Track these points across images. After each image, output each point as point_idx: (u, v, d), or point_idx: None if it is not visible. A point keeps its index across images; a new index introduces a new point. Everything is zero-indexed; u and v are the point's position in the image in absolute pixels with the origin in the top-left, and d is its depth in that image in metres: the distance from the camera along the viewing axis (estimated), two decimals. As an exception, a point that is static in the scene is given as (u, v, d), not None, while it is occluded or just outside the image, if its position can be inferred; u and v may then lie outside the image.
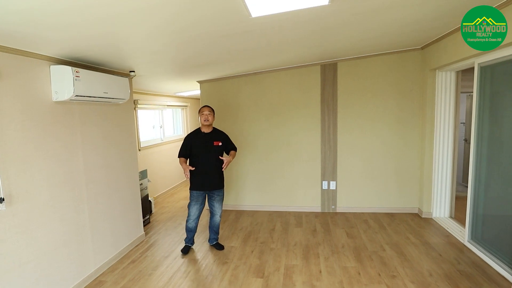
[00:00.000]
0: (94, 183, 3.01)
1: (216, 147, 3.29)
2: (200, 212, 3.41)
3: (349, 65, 4.38)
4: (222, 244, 3.57)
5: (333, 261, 3.13)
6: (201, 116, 3.28)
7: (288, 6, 1.95)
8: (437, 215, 4.21)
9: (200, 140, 3.29)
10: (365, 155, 4.50)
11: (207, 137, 3.30)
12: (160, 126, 6.16)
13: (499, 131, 2.94)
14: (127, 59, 3.00)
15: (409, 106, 4.33)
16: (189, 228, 3.44)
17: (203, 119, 3.27)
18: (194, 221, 3.41)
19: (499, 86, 2.93)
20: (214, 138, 3.31)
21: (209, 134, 3.32)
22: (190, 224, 3.42)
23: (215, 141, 3.29)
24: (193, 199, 3.35)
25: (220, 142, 3.33)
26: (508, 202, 2.81)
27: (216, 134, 3.36)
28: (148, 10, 1.81)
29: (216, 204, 3.42)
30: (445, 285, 2.64)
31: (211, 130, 3.35)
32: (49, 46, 2.25)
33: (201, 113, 3.29)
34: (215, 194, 3.39)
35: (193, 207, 3.36)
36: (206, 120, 3.26)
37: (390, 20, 2.70)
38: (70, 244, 2.69)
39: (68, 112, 2.69)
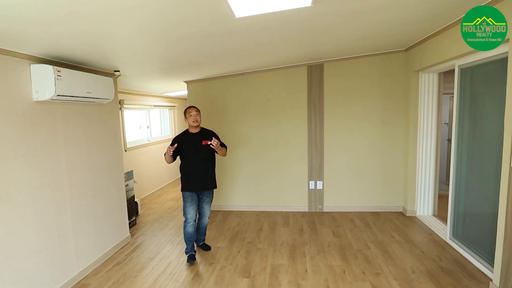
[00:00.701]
0: (78, 184, 2.96)
1: (205, 146, 3.23)
2: (196, 213, 3.30)
3: (335, 66, 4.43)
4: (209, 245, 3.55)
5: (319, 260, 3.16)
6: (189, 118, 3.22)
7: (271, 7, 1.96)
8: (421, 214, 4.30)
9: (188, 141, 3.24)
10: (351, 155, 4.56)
11: (196, 137, 3.25)
12: (147, 127, 6.10)
13: (478, 131, 3.02)
14: (112, 59, 2.96)
15: (393, 107, 4.41)
16: (189, 234, 3.25)
17: (191, 120, 3.21)
18: (193, 225, 3.27)
19: (478, 87, 3.02)
20: (202, 137, 3.26)
21: (197, 134, 3.27)
22: (189, 229, 3.25)
23: (203, 141, 3.24)
24: (187, 200, 3.25)
25: (209, 141, 3.24)
26: (487, 200, 2.89)
27: (205, 134, 3.30)
28: (132, 9, 1.79)
29: (205, 206, 3.36)
30: (427, 281, 2.70)
31: (199, 130, 3.30)
32: (29, 44, 2.21)
33: (189, 114, 3.22)
34: (205, 195, 3.33)
35: (189, 209, 3.24)
36: (195, 121, 3.21)
37: (373, 22, 2.75)
38: (52, 247, 2.64)
39: (49, 112, 2.64)
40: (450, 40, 3.03)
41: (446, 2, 2.37)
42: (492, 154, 2.76)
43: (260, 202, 4.85)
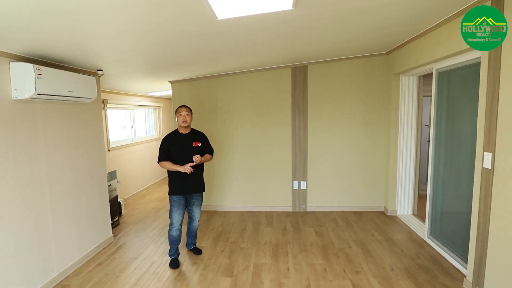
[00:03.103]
0: (59, 185, 2.92)
1: (195, 148, 3.14)
2: (183, 218, 3.20)
3: (319, 68, 4.51)
4: (200, 249, 3.47)
5: (301, 259, 3.21)
6: (178, 117, 3.11)
7: (253, 10, 2.00)
8: (401, 213, 4.41)
9: (178, 142, 3.13)
10: (334, 156, 4.64)
11: (186, 138, 3.15)
12: (131, 126, 6.05)
13: (454, 133, 3.13)
14: (94, 58, 2.94)
15: (376, 109, 4.51)
16: (174, 237, 3.17)
17: (181, 120, 3.09)
18: (178, 229, 3.18)
19: (455, 90, 3.13)
20: (193, 139, 3.16)
21: (188, 135, 3.17)
22: (174, 233, 3.16)
23: (194, 142, 3.15)
24: (174, 204, 3.12)
25: (200, 143, 3.19)
26: (462, 200, 3.00)
27: (195, 135, 3.22)
28: (114, 8, 1.79)
29: (195, 209, 3.28)
30: (405, 278, 2.78)
31: (189, 131, 3.20)
32: (9, 41, 2.18)
33: (179, 114, 3.11)
34: (195, 198, 3.25)
35: (175, 213, 3.13)
36: (184, 122, 3.09)
37: (354, 26, 2.82)
38: (31, 248, 2.60)
39: (29, 111, 2.60)
40: (429, 44, 3.13)
41: (424, 7, 2.46)
42: (467, 155, 2.87)
43: (244, 202, 4.88)
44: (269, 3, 1.92)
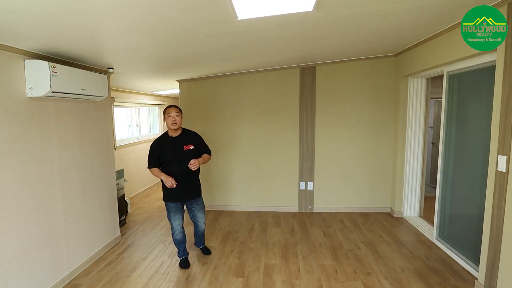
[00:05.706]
0: (69, 183, 2.91)
1: (187, 152, 2.92)
2: (183, 221, 3.12)
3: (327, 68, 4.51)
4: (209, 249, 3.43)
5: (311, 260, 3.21)
6: (167, 119, 2.85)
7: (274, 10, 1.99)
8: (407, 214, 4.42)
9: (168, 146, 2.90)
10: (341, 157, 4.64)
11: (176, 141, 2.92)
12: (137, 125, 6.03)
13: (464, 136, 3.14)
14: (106, 55, 2.92)
15: (383, 110, 4.51)
16: (178, 240, 3.11)
17: (170, 121, 2.84)
18: (181, 231, 3.10)
19: (465, 93, 3.14)
20: (184, 141, 2.94)
21: (178, 138, 2.94)
22: (177, 237, 3.09)
23: (185, 145, 2.92)
24: (171, 210, 3.00)
25: (192, 146, 2.96)
26: (472, 202, 3.01)
27: (187, 137, 2.98)
28: (126, 6, 1.77)
29: (198, 214, 3.15)
30: (416, 280, 2.79)
31: (180, 132, 2.97)
32: (24, 38, 2.15)
33: (168, 115, 2.85)
34: (194, 204, 3.10)
35: (173, 219, 3.02)
36: (174, 123, 2.85)
37: (368, 27, 2.81)
38: (43, 246, 2.58)
39: (43, 108, 2.58)
40: (440, 46, 3.14)
41: (437, 10, 2.46)
42: (478, 157, 2.88)
43: (250, 202, 4.87)
44: (291, 4, 1.91)
